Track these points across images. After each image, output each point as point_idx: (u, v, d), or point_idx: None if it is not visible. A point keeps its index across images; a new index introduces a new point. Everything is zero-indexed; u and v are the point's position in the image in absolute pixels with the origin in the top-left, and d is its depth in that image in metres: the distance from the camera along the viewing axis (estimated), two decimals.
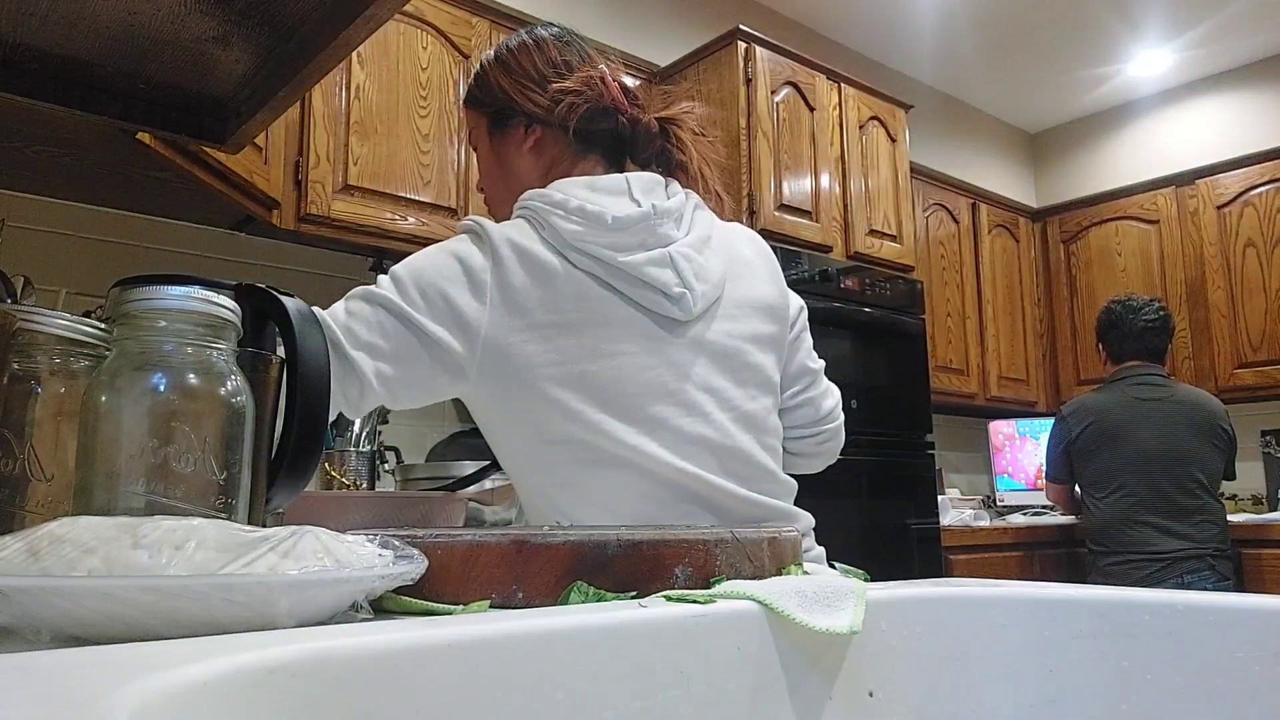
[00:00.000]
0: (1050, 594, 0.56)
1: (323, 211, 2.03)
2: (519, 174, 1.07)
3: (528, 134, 1.07)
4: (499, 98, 1.08)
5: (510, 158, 1.08)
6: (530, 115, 1.06)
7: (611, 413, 0.91)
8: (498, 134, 1.09)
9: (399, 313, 0.90)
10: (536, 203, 0.97)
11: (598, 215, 0.95)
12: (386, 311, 0.90)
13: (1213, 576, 2.57)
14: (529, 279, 0.92)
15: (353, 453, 2.01)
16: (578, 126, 1.05)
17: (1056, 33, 3.67)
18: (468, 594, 0.49)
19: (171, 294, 0.54)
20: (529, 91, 1.06)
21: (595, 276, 0.94)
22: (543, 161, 1.07)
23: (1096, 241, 4.03)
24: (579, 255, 0.94)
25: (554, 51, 1.10)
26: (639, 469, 0.92)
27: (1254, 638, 0.49)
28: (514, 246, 0.93)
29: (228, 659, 0.32)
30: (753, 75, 2.57)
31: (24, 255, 1.85)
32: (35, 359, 0.63)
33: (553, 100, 1.05)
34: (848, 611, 0.51)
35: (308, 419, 0.67)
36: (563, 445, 0.92)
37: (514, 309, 0.91)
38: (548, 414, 0.92)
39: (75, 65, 0.88)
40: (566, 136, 1.05)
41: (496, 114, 1.08)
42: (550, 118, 1.05)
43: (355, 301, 0.91)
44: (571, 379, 0.91)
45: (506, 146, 1.08)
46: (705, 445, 0.95)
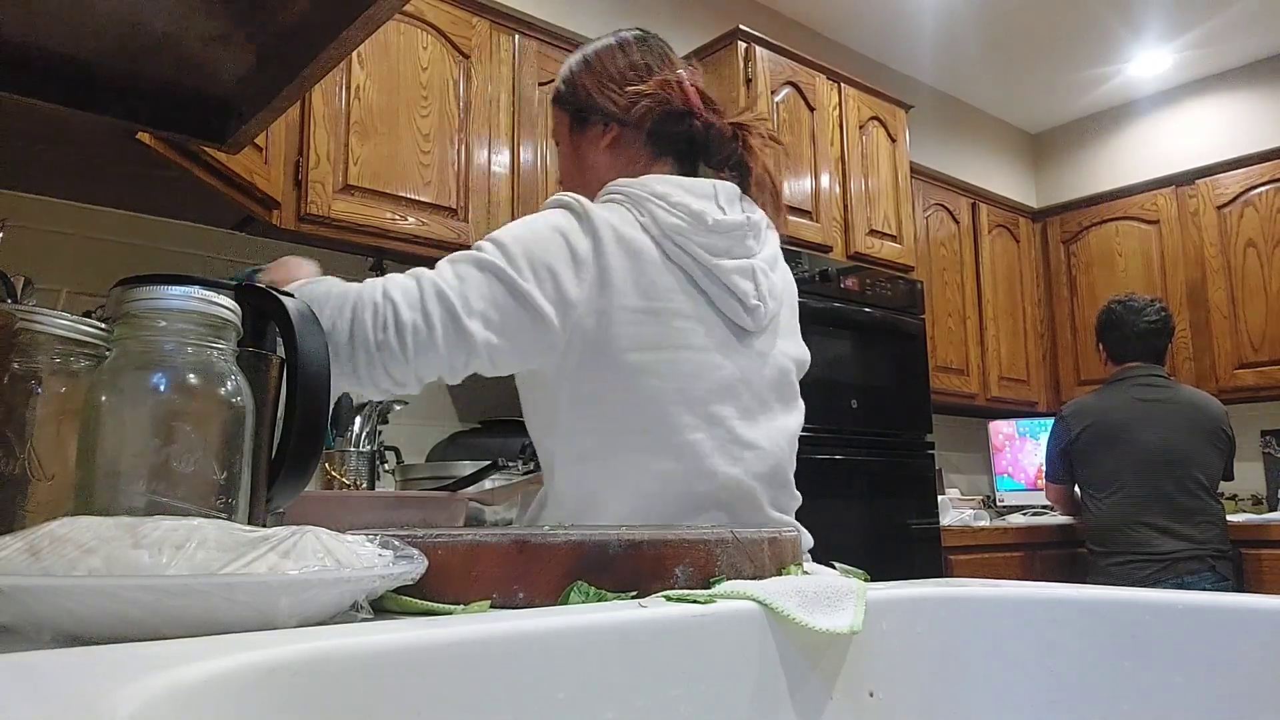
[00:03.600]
0: (1050, 594, 0.56)
1: (323, 211, 2.03)
2: (596, 169, 1.11)
3: (605, 132, 1.11)
4: (581, 97, 1.12)
5: (588, 153, 1.12)
6: (608, 114, 1.10)
7: (678, 403, 0.95)
8: (578, 131, 1.13)
9: (511, 286, 0.91)
10: (636, 191, 1.01)
11: (700, 214, 0.99)
12: (499, 282, 0.91)
13: (1213, 577, 2.57)
14: (626, 262, 0.95)
15: (353, 453, 2.01)
16: (652, 128, 1.09)
17: (1057, 33, 3.67)
18: (468, 594, 0.49)
19: (172, 294, 0.54)
20: (608, 92, 1.11)
21: (686, 272, 0.99)
22: (619, 159, 1.11)
23: (1097, 242, 4.03)
24: (675, 249, 0.98)
25: (635, 54, 1.13)
26: (687, 463, 0.95)
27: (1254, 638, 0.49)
28: (614, 230, 0.96)
29: (228, 659, 0.32)
30: (753, 75, 2.57)
31: (24, 255, 1.85)
32: (36, 359, 0.63)
33: (630, 101, 1.09)
34: (848, 611, 0.51)
35: (308, 419, 0.67)
36: (620, 425, 0.95)
37: (608, 289, 0.94)
38: (617, 394, 0.95)
39: (77, 65, 0.88)
40: (642, 136, 1.10)
41: (578, 112, 1.13)
42: (627, 117, 1.09)
43: (464, 266, 0.93)
44: (649, 364, 0.95)
45: (585, 143, 1.13)
46: (754, 451, 1.00)
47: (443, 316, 0.89)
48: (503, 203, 2.37)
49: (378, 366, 0.88)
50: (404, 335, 0.88)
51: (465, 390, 2.60)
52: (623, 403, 0.95)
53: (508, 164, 2.40)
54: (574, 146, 1.14)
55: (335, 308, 0.89)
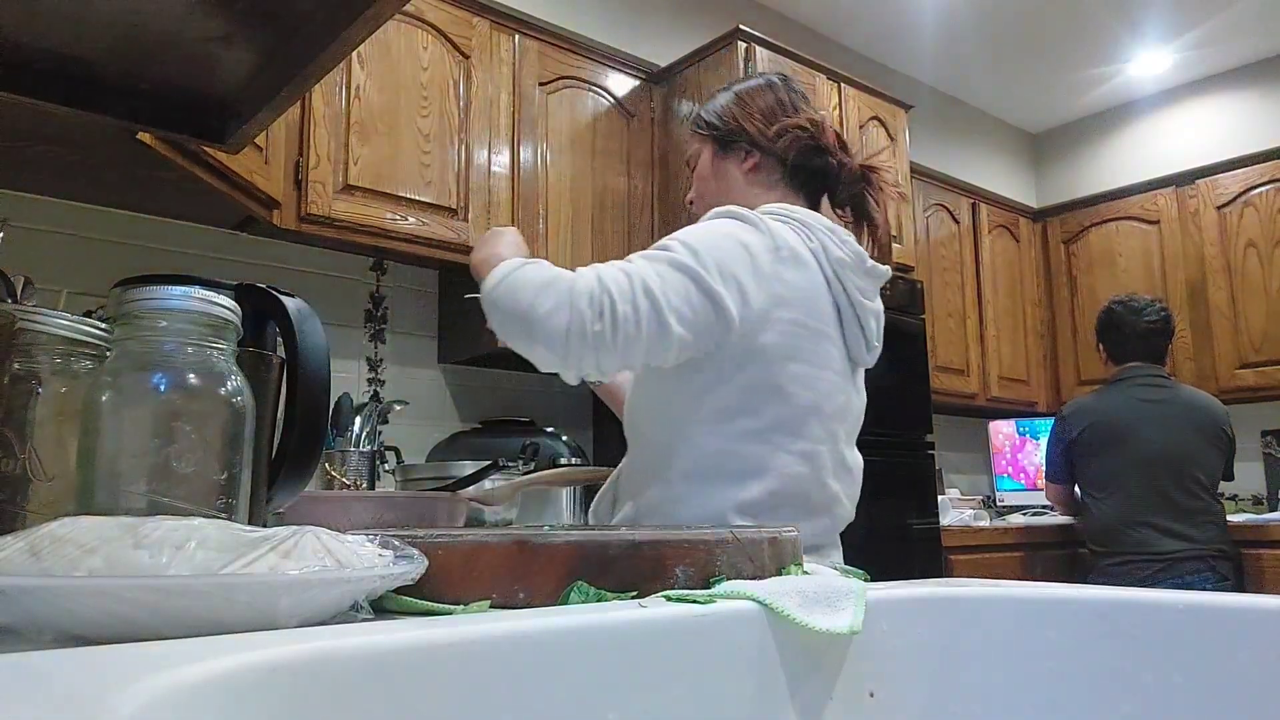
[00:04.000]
0: (1050, 594, 0.56)
1: (323, 211, 2.03)
2: (734, 190, 1.22)
3: (747, 157, 1.22)
4: (728, 124, 1.23)
5: (728, 174, 1.23)
6: (752, 142, 1.21)
7: (814, 416, 1.06)
8: (720, 155, 1.24)
9: (705, 287, 0.99)
10: (805, 217, 1.12)
11: (860, 255, 1.13)
12: (693, 283, 0.99)
13: (1213, 577, 2.57)
14: (799, 280, 1.06)
15: (353, 453, 2.01)
16: (792, 160, 1.20)
17: (1057, 33, 3.67)
18: (468, 594, 0.49)
19: (172, 294, 0.54)
20: (755, 121, 1.22)
21: (837, 302, 1.10)
22: (756, 185, 1.22)
23: (1097, 242, 4.03)
24: (835, 279, 1.09)
25: (781, 93, 1.25)
26: (811, 471, 1.06)
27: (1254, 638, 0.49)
28: (791, 249, 1.07)
29: (228, 659, 0.32)
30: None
31: (25, 255, 1.85)
32: (37, 359, 0.64)
33: (776, 133, 1.20)
34: (848, 611, 0.51)
35: (308, 419, 0.67)
36: (767, 423, 1.04)
37: (777, 300, 1.04)
38: (769, 396, 1.04)
39: (78, 65, 0.88)
40: (780, 167, 1.21)
41: (722, 139, 1.24)
42: (771, 147, 1.21)
43: (662, 266, 0.99)
44: (800, 375, 1.05)
45: (728, 166, 1.23)
46: (850, 475, 1.13)
47: (649, 312, 0.96)
48: (503, 203, 2.37)
49: (589, 355, 0.95)
50: (617, 328, 0.94)
51: (465, 390, 2.60)
52: (772, 404, 1.04)
53: (508, 164, 2.40)
54: (716, 168, 1.24)
55: (557, 296, 0.94)
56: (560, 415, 2.79)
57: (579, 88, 2.59)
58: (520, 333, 0.96)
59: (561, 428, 2.61)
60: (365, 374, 2.41)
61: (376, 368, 2.43)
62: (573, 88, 2.58)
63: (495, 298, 0.98)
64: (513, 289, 0.96)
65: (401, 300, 2.50)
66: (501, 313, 0.97)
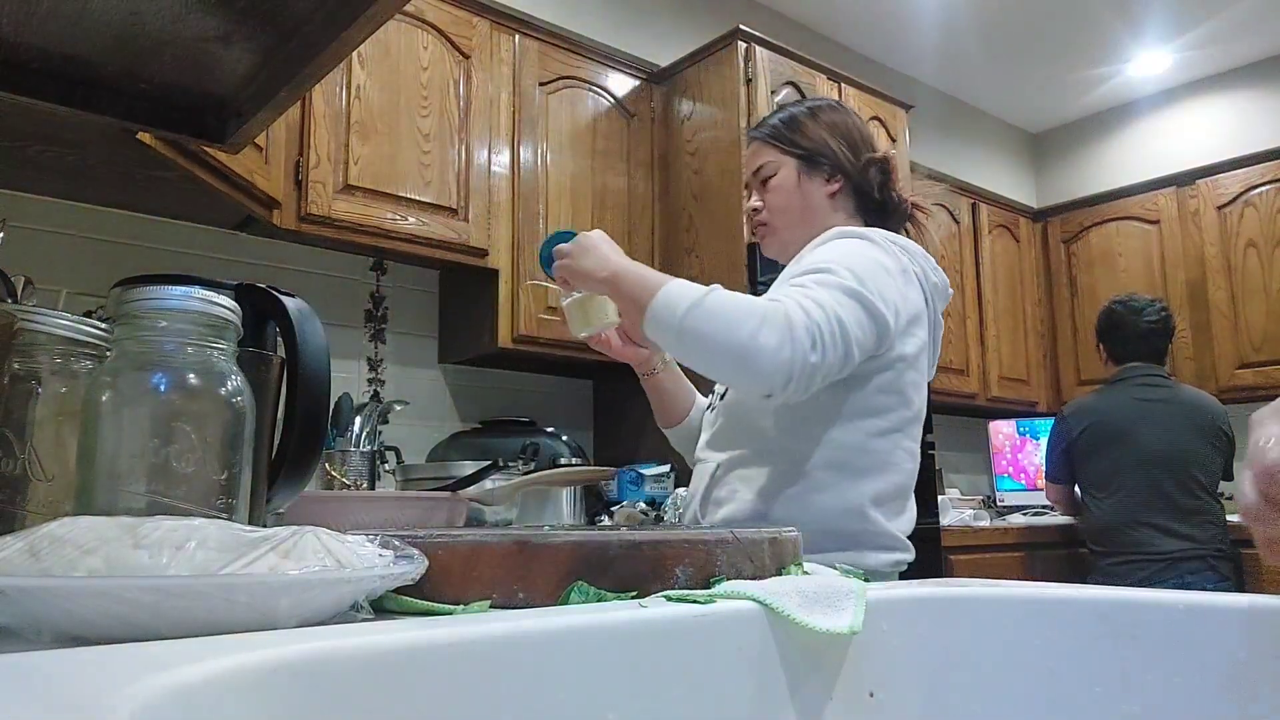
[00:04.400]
0: (1050, 594, 0.56)
1: (323, 211, 2.03)
2: (816, 213, 1.26)
3: (831, 180, 1.27)
4: (817, 146, 1.27)
5: (812, 196, 1.27)
6: (838, 166, 1.26)
7: (918, 418, 1.18)
8: (805, 175, 1.27)
9: (876, 314, 1.06)
10: (907, 244, 1.21)
11: (946, 282, 1.26)
12: (865, 311, 1.05)
13: (1213, 577, 2.57)
14: (915, 298, 1.17)
15: (353, 453, 2.01)
16: (868, 190, 1.27)
17: (1057, 33, 3.67)
18: (468, 594, 0.49)
19: (172, 294, 0.54)
20: (842, 147, 1.27)
21: (931, 321, 1.22)
22: (838, 209, 1.27)
23: (1097, 242, 4.03)
24: (930, 300, 1.21)
25: (856, 120, 1.31)
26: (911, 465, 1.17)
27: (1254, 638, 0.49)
28: (921, 273, 1.19)
29: (228, 659, 0.32)
30: (753, 75, 2.57)
31: (24, 255, 1.85)
32: (36, 359, 0.64)
33: (865, 164, 1.27)
34: (848, 612, 0.51)
35: (308, 419, 0.67)
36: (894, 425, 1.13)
37: (906, 317, 1.14)
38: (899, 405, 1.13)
39: (76, 65, 0.88)
40: (856, 195, 1.28)
41: (808, 158, 1.27)
42: (856, 175, 1.27)
43: (839, 294, 1.04)
44: (918, 384, 1.17)
45: (812, 187, 1.27)
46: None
47: (842, 343, 1.01)
48: (503, 203, 2.37)
49: (800, 384, 0.99)
50: (824, 360, 1.00)
51: (465, 390, 2.60)
52: (896, 407, 1.14)
53: (508, 164, 2.40)
54: (801, 188, 1.27)
55: (778, 330, 0.97)
56: (560, 415, 2.79)
57: (579, 88, 2.59)
58: (734, 362, 0.98)
59: (561, 428, 2.60)
60: (365, 374, 2.41)
61: (376, 368, 2.43)
62: (573, 88, 2.58)
63: (695, 326, 0.99)
64: (722, 319, 0.98)
65: (401, 300, 2.49)
66: (708, 341, 0.99)
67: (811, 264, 1.10)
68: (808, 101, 1.34)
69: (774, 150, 1.29)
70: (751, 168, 1.32)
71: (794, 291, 1.04)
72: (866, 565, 1.07)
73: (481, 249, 2.31)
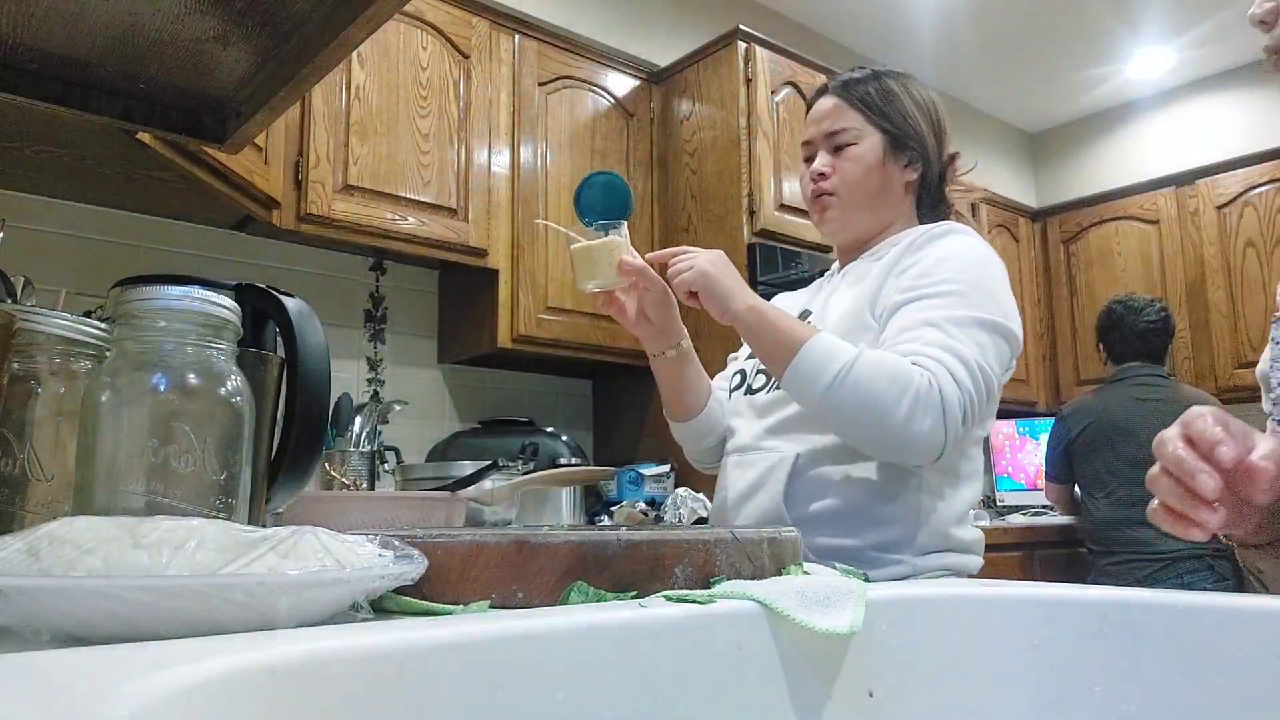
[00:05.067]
0: (1050, 594, 0.56)
1: (323, 211, 2.03)
2: (893, 198, 1.18)
3: (910, 168, 1.18)
4: (910, 127, 1.17)
5: (892, 182, 1.17)
6: (922, 154, 1.17)
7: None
8: (889, 155, 1.17)
9: (1016, 346, 1.05)
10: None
11: None
12: (1007, 343, 1.04)
13: (1212, 576, 2.57)
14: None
15: (353, 453, 2.01)
16: (942, 186, 1.20)
17: (1057, 33, 3.67)
18: (468, 594, 0.49)
19: (171, 294, 0.54)
20: (932, 133, 1.18)
21: None
22: (909, 196, 1.20)
23: (1096, 242, 4.03)
24: None
25: (942, 108, 1.22)
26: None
27: (1254, 638, 0.49)
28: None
29: (228, 659, 0.32)
30: (753, 75, 2.57)
31: (24, 255, 1.85)
32: (35, 359, 0.63)
33: (950, 156, 1.20)
34: (848, 611, 0.51)
35: (307, 419, 0.67)
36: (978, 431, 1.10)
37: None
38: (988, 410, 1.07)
39: (75, 65, 0.88)
40: (923, 187, 1.19)
41: (896, 138, 1.16)
42: (937, 165, 1.19)
43: (980, 333, 1.00)
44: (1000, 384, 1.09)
45: (893, 170, 1.17)
46: None
47: (988, 395, 1.01)
48: (503, 203, 2.37)
49: (946, 455, 0.97)
50: (973, 420, 0.99)
51: (465, 390, 2.60)
52: (988, 422, 1.12)
53: (508, 164, 2.40)
54: (883, 167, 1.16)
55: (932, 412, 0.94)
56: (560, 415, 2.79)
57: (579, 87, 2.59)
58: (882, 445, 0.96)
59: (561, 428, 2.61)
60: (365, 374, 2.41)
61: (376, 368, 2.43)
62: (572, 87, 2.58)
63: (842, 400, 0.95)
64: (874, 399, 0.94)
65: (401, 300, 2.49)
66: (857, 420, 0.96)
67: (937, 280, 1.02)
68: (893, 72, 1.21)
69: (860, 117, 1.16)
70: (827, 127, 1.18)
71: (933, 340, 0.97)
72: (969, 572, 1.06)
73: (481, 249, 2.31)
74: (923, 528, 1.02)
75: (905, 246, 1.09)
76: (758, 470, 1.09)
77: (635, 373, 2.60)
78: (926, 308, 1.01)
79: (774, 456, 1.08)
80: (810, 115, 1.22)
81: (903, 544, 1.02)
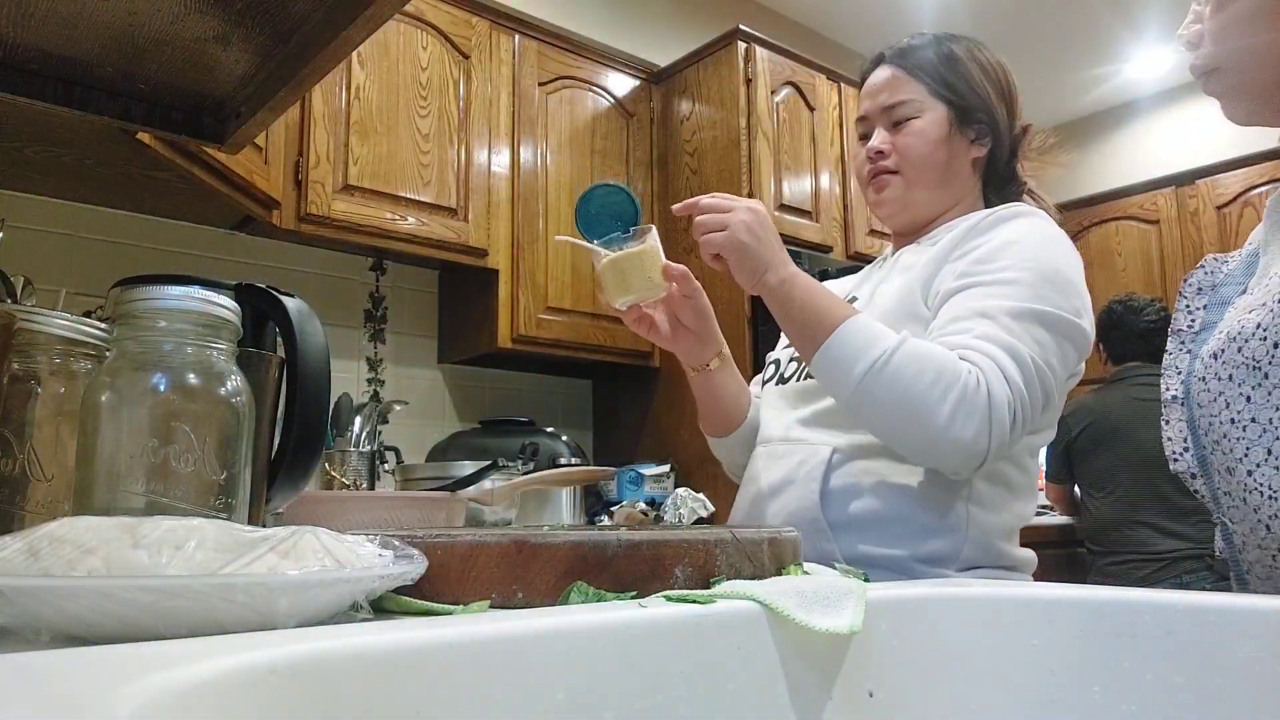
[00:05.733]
0: (1050, 594, 0.56)
1: (323, 211, 2.03)
2: (960, 176, 1.06)
3: (976, 143, 1.06)
4: (977, 97, 1.05)
5: (959, 158, 1.05)
6: (994, 127, 1.06)
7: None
8: (956, 130, 1.05)
9: (1083, 346, 0.92)
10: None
11: None
12: (1072, 344, 0.91)
13: (1211, 577, 2.57)
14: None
15: (353, 453, 2.01)
16: (1015, 164, 1.07)
17: (1056, 33, 3.67)
18: (468, 594, 0.49)
19: (171, 294, 0.54)
20: (1003, 105, 1.06)
21: None
22: (976, 175, 1.08)
23: (1097, 241, 4.03)
24: None
25: (1015, 85, 1.09)
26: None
27: (1254, 638, 0.49)
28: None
29: (228, 659, 0.32)
30: (753, 75, 2.57)
31: (24, 255, 1.85)
32: (35, 359, 0.63)
33: (1023, 129, 1.07)
34: (848, 611, 0.51)
35: (307, 419, 0.67)
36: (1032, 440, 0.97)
37: None
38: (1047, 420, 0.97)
39: (75, 65, 0.88)
40: (990, 163, 1.07)
41: (963, 110, 1.05)
42: (1008, 140, 1.06)
43: (1037, 329, 0.88)
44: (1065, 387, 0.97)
45: (959, 145, 1.05)
46: None
47: (1044, 392, 0.88)
48: (503, 203, 2.37)
49: (989, 462, 0.86)
50: (1024, 424, 0.87)
51: (465, 390, 2.60)
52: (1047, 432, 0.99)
53: (508, 164, 2.40)
54: (949, 143, 1.04)
55: (977, 416, 0.83)
56: (560, 415, 2.79)
57: (579, 87, 2.60)
58: (918, 446, 0.86)
59: (561, 428, 2.60)
60: (365, 374, 2.41)
61: (376, 368, 2.43)
62: (572, 88, 2.58)
63: (877, 393, 0.84)
64: (913, 393, 0.83)
65: (401, 300, 2.49)
66: (892, 415, 0.85)
67: (998, 268, 0.91)
68: (956, 36, 1.10)
69: (921, 88, 1.05)
70: (885, 100, 1.06)
71: (985, 334, 0.86)
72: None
73: (481, 249, 2.31)
74: (969, 541, 0.92)
75: (966, 230, 0.97)
76: (789, 464, 0.98)
77: (635, 373, 2.60)
78: (982, 296, 0.89)
79: (806, 450, 0.97)
80: (865, 89, 1.10)
81: (947, 558, 0.91)
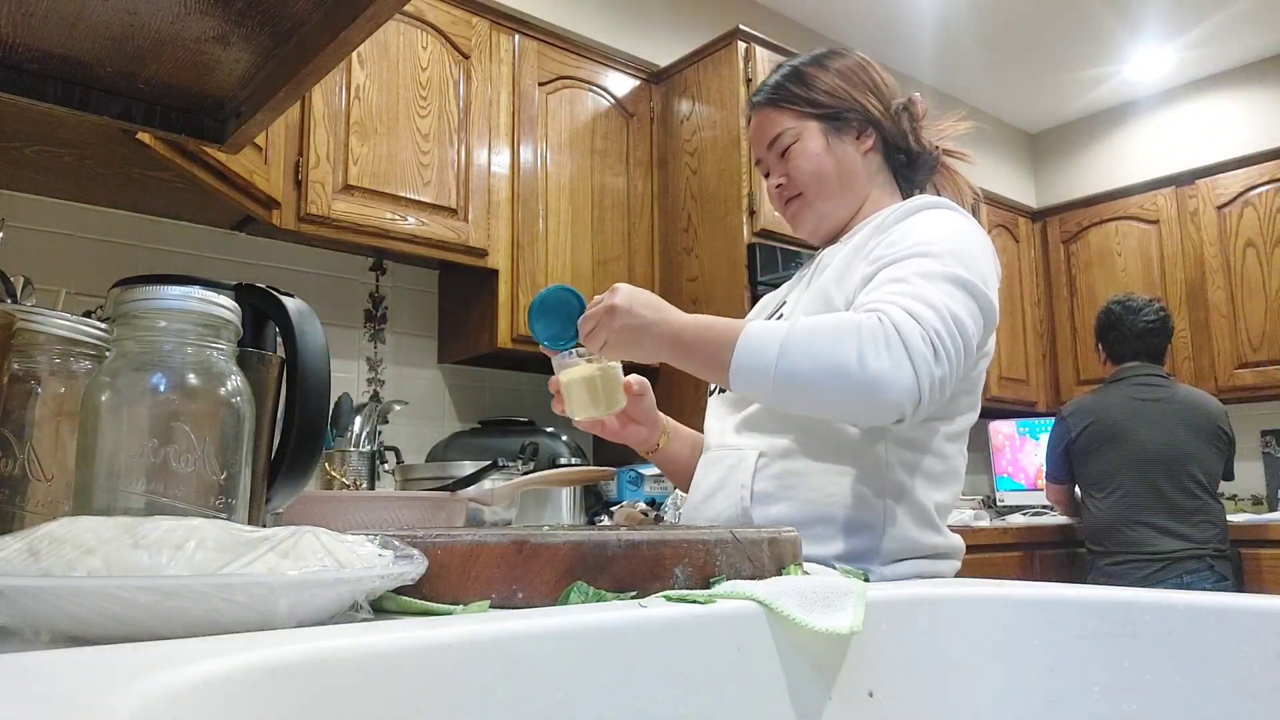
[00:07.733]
0: (1050, 594, 0.56)
1: (323, 211, 2.03)
2: (857, 175, 1.11)
3: (862, 137, 1.11)
4: (839, 101, 1.11)
5: (849, 159, 1.11)
6: (870, 119, 1.11)
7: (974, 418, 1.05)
8: (834, 135, 1.11)
9: (985, 304, 0.93)
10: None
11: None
12: (976, 304, 0.92)
13: (1212, 577, 2.57)
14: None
15: (353, 453, 2.01)
16: (907, 142, 1.12)
17: (1056, 33, 3.67)
18: (468, 594, 0.49)
19: (171, 294, 0.54)
20: (870, 98, 1.11)
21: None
22: (873, 166, 1.12)
23: (1096, 242, 4.03)
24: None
25: (878, 70, 1.15)
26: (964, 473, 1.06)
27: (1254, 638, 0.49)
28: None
29: (228, 659, 0.32)
30: (753, 75, 2.57)
31: (24, 255, 1.85)
32: (35, 359, 0.63)
33: (896, 112, 1.11)
34: (848, 611, 0.51)
35: (307, 419, 0.67)
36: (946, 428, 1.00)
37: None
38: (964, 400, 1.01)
39: (75, 65, 0.88)
40: (886, 148, 1.12)
41: (832, 116, 1.11)
42: (888, 127, 1.11)
43: (948, 286, 0.90)
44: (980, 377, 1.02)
45: (844, 148, 1.11)
46: None
47: (963, 345, 0.88)
48: (503, 203, 2.37)
49: (926, 399, 0.85)
50: (951, 368, 0.86)
51: (465, 390, 2.60)
52: (968, 414, 1.02)
53: (508, 164, 2.40)
54: (832, 151, 1.10)
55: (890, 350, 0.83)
56: (559, 415, 2.79)
57: (579, 87, 2.59)
58: (850, 399, 0.84)
59: (561, 428, 2.60)
60: (365, 374, 2.41)
61: (376, 368, 2.43)
62: (572, 87, 2.58)
63: (792, 370, 0.85)
64: (820, 352, 0.84)
65: (401, 300, 2.49)
66: (813, 384, 0.85)
67: (905, 246, 0.94)
68: (807, 56, 1.15)
69: (788, 115, 1.11)
70: (764, 140, 1.13)
71: (894, 290, 0.89)
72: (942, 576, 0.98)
73: (481, 249, 2.31)
74: (888, 536, 0.94)
75: (874, 227, 1.02)
76: (721, 470, 1.03)
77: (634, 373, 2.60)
78: (894, 270, 0.92)
79: (735, 455, 1.02)
80: (750, 136, 1.18)
81: (869, 554, 0.94)
